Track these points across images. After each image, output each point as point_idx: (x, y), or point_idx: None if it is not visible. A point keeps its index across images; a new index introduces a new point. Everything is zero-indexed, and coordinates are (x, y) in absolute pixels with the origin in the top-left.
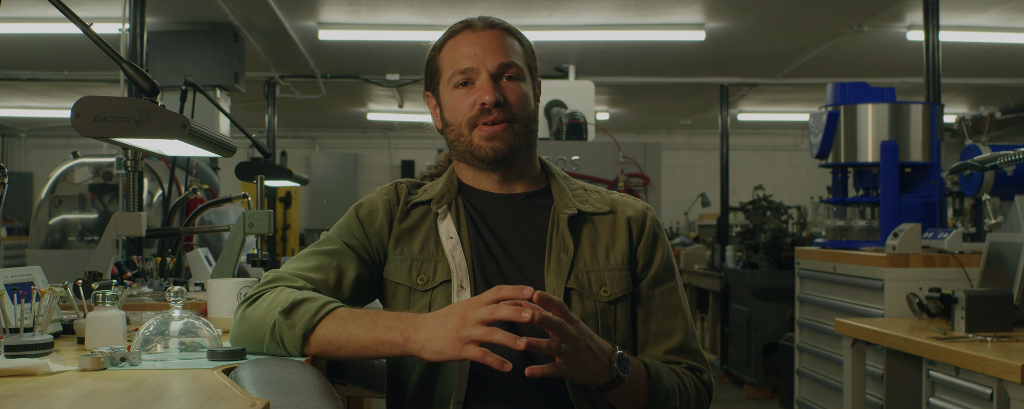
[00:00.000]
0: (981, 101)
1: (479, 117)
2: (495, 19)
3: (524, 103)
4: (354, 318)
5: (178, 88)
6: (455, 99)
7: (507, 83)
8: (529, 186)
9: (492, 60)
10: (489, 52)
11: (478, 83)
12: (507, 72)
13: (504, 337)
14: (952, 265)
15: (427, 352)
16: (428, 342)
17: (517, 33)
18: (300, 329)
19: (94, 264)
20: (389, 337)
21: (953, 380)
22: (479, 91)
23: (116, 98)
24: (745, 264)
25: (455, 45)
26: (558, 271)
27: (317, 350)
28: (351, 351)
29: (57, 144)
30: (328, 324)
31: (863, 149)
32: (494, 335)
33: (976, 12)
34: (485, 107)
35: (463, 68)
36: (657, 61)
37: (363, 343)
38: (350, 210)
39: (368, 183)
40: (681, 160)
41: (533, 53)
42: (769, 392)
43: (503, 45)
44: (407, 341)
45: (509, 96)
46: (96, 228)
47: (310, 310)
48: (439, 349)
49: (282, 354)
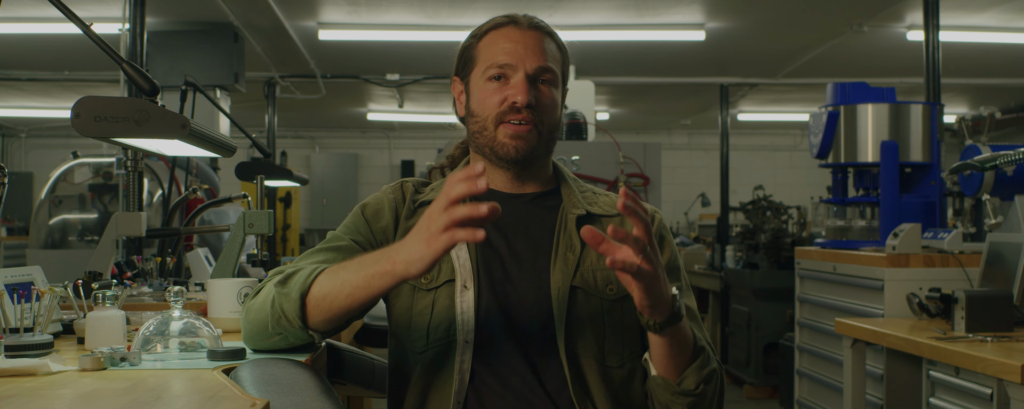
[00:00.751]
0: (981, 101)
1: (507, 114)
2: (539, 20)
3: (553, 109)
4: (342, 267)
5: (178, 88)
6: (487, 92)
7: (541, 87)
8: (539, 187)
9: (532, 61)
10: (530, 52)
11: (513, 81)
12: (543, 76)
13: (468, 210)
14: (952, 265)
15: (412, 266)
16: (409, 255)
17: (557, 38)
18: (296, 293)
19: (94, 264)
20: (378, 268)
21: (953, 380)
22: (513, 89)
23: (116, 98)
24: (745, 264)
25: (496, 38)
26: (564, 270)
27: (315, 308)
28: (346, 295)
29: (57, 144)
30: (321, 280)
31: (863, 149)
32: (457, 229)
33: (976, 12)
34: (516, 106)
35: (501, 63)
36: (657, 61)
37: (356, 283)
38: (355, 209)
39: (368, 183)
40: (681, 160)
41: (568, 59)
42: (769, 392)
43: (543, 48)
44: (393, 264)
45: (542, 99)
46: (96, 228)
47: (303, 275)
48: (418, 256)
49: (287, 331)
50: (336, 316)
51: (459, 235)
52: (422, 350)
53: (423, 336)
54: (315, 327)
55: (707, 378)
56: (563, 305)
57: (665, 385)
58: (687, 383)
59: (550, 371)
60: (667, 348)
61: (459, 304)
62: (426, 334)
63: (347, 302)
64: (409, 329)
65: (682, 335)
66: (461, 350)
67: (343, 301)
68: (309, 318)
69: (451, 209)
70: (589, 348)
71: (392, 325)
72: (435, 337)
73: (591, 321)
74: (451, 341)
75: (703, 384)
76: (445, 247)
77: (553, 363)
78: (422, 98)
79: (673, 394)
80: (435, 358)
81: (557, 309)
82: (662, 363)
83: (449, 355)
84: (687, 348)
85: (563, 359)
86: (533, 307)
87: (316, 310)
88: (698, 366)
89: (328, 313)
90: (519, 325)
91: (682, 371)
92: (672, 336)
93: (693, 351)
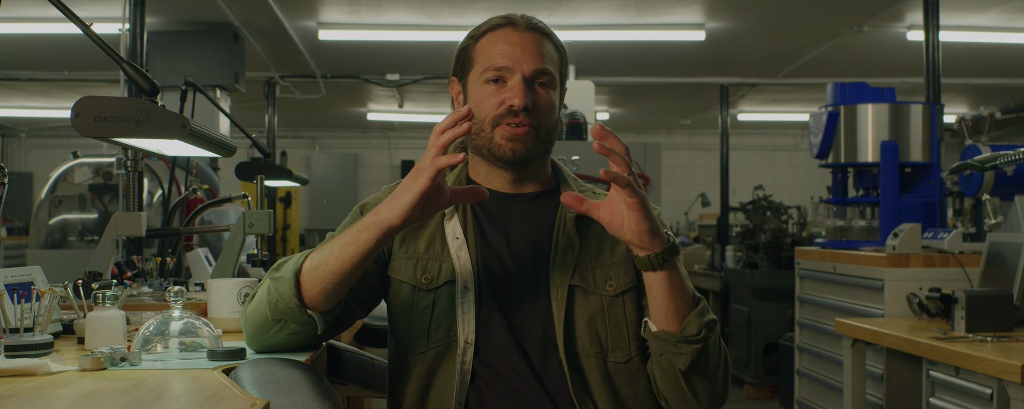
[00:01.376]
0: (981, 101)
1: (504, 117)
2: (537, 22)
3: (550, 111)
4: (332, 238)
5: (178, 88)
6: (484, 94)
7: (538, 90)
8: (539, 187)
9: (529, 64)
10: (527, 54)
11: (510, 83)
12: (540, 78)
13: (453, 130)
14: (952, 265)
15: (396, 209)
16: (395, 200)
17: (555, 39)
18: (289, 273)
19: (94, 264)
20: (366, 221)
21: (953, 380)
22: (510, 92)
23: (116, 98)
24: (745, 264)
25: (494, 39)
26: (563, 269)
27: (309, 280)
28: (336, 257)
29: (57, 144)
30: (312, 256)
31: (863, 149)
32: (442, 159)
33: (976, 12)
34: (513, 109)
35: (498, 65)
36: (657, 61)
37: (344, 242)
38: (355, 208)
39: (368, 183)
40: (681, 160)
41: (566, 60)
42: (769, 392)
43: (541, 50)
44: (377, 213)
45: (539, 102)
46: (96, 228)
47: (295, 258)
48: (403, 191)
49: (285, 315)
50: (331, 286)
51: (441, 160)
52: (422, 350)
53: (423, 336)
54: (313, 304)
55: (709, 326)
56: (562, 304)
57: (667, 338)
58: (689, 329)
59: (551, 371)
60: (667, 288)
61: (460, 305)
62: (426, 334)
63: (338, 264)
64: (409, 329)
65: (680, 275)
66: (462, 351)
67: (334, 264)
68: (305, 294)
69: (437, 137)
70: (589, 346)
71: (392, 325)
72: (436, 337)
73: (591, 319)
74: (452, 342)
75: (705, 330)
76: (431, 177)
77: (553, 362)
78: (422, 98)
79: (676, 344)
80: (436, 358)
81: (556, 308)
82: (663, 309)
83: (450, 356)
84: (686, 292)
85: (562, 358)
86: (533, 307)
87: (309, 282)
88: (698, 313)
89: (322, 282)
90: (519, 325)
91: (684, 318)
92: (672, 273)
93: (692, 298)
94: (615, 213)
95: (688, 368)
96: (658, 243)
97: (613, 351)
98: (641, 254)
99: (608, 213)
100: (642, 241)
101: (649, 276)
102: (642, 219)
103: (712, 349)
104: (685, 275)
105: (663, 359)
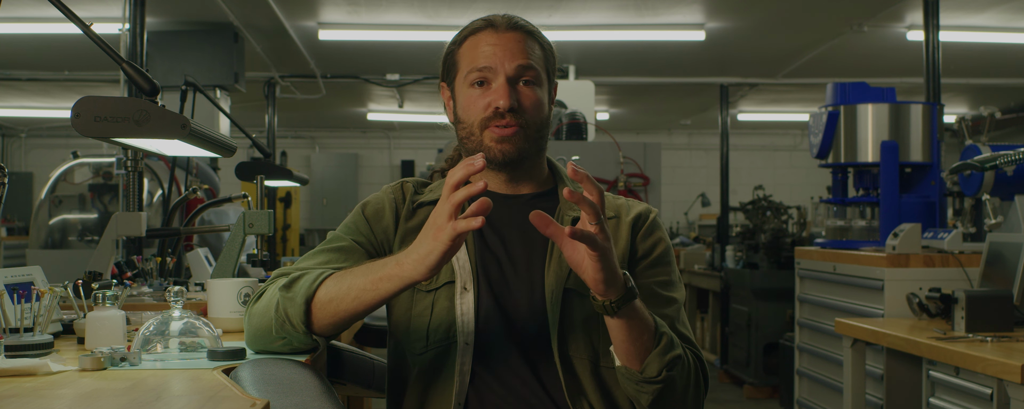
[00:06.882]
0: (981, 101)
1: (492, 119)
2: (518, 20)
3: (538, 109)
4: (349, 272)
5: (178, 88)
6: (470, 98)
7: (523, 88)
8: (536, 188)
9: (511, 63)
10: (508, 54)
11: (494, 85)
12: (524, 76)
13: (466, 190)
14: (952, 265)
15: (420, 265)
16: (417, 254)
17: (539, 35)
18: (301, 297)
19: (94, 264)
20: (385, 271)
21: (953, 380)
22: (495, 94)
23: (116, 98)
24: (745, 264)
25: (475, 42)
26: (558, 272)
27: (320, 312)
28: (353, 299)
29: (57, 144)
30: (327, 285)
31: (863, 149)
32: (458, 220)
33: (976, 12)
34: (499, 111)
35: (481, 67)
36: (657, 61)
37: (363, 287)
38: (356, 208)
39: (368, 183)
40: (681, 160)
41: (553, 56)
42: (769, 392)
43: (523, 48)
44: (400, 266)
45: (524, 101)
46: (96, 228)
47: (309, 280)
48: (426, 251)
49: (290, 336)
50: (341, 320)
51: (460, 224)
52: (422, 351)
53: (423, 337)
54: (320, 331)
55: (670, 364)
56: (556, 307)
57: (628, 374)
58: (649, 370)
59: (549, 373)
60: (626, 332)
61: (459, 306)
62: (426, 335)
63: (353, 306)
64: (408, 330)
65: (640, 318)
66: (461, 352)
67: (349, 304)
68: (314, 323)
69: (451, 195)
70: (583, 350)
71: (391, 326)
72: (435, 338)
73: (585, 323)
74: (451, 343)
75: (666, 370)
76: (451, 238)
77: (551, 365)
78: (422, 98)
79: (637, 383)
80: (435, 359)
81: (551, 311)
82: (623, 349)
83: (449, 356)
84: (647, 332)
85: (557, 361)
86: (529, 309)
87: (321, 314)
88: (660, 352)
89: (333, 317)
90: (517, 327)
91: (644, 358)
92: (629, 317)
93: (654, 336)
94: (577, 249)
95: (651, 405)
96: (613, 292)
97: (605, 356)
98: (598, 298)
99: (570, 247)
100: (597, 288)
101: (606, 319)
102: (598, 269)
103: (678, 383)
104: (645, 315)
105: (627, 391)
